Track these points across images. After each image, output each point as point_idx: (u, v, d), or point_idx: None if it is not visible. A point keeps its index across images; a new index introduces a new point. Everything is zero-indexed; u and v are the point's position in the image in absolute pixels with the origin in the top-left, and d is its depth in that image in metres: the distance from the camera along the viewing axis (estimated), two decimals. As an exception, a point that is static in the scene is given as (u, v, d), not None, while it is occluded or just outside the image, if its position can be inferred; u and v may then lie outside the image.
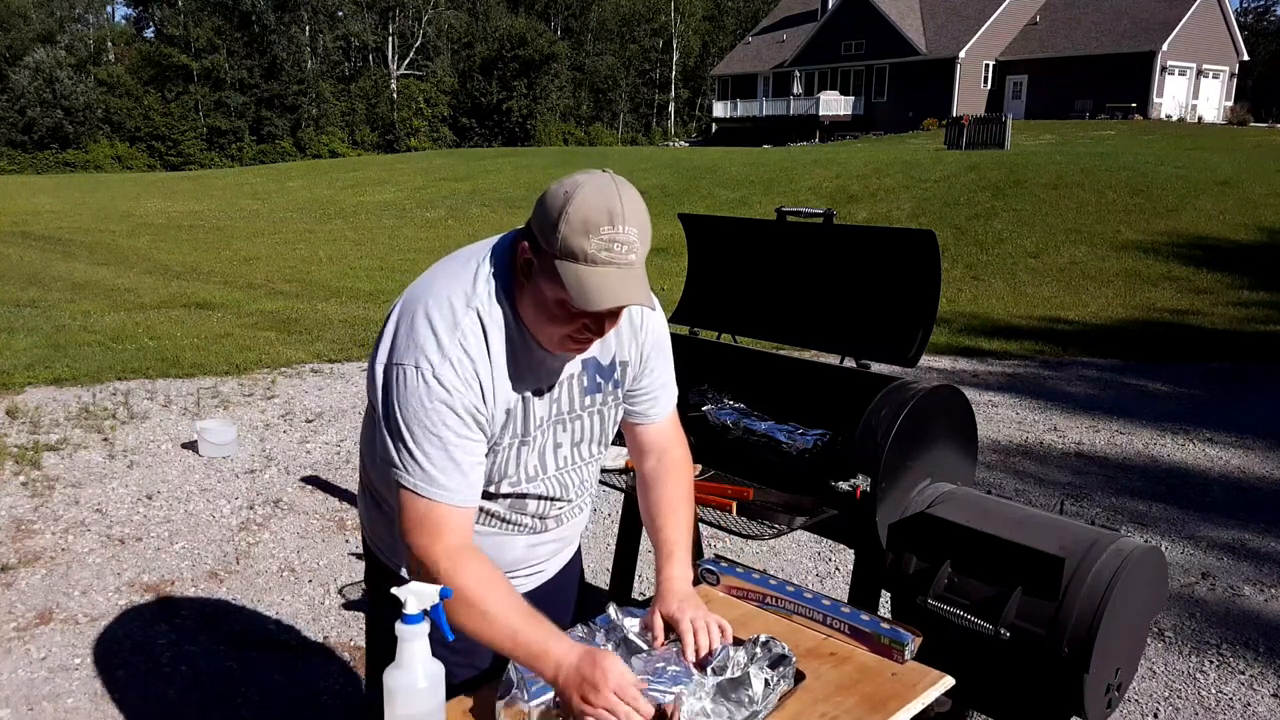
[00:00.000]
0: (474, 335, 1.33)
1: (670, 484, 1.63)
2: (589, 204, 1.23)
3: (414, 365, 1.31)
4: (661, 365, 1.60)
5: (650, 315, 1.55)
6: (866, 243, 2.46)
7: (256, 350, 7.42)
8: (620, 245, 1.24)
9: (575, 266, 1.24)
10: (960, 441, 2.25)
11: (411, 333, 1.33)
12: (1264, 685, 2.99)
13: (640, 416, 1.62)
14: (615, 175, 1.28)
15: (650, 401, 1.61)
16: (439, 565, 1.31)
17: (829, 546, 3.96)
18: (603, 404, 1.53)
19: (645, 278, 1.29)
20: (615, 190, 1.25)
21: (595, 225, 1.23)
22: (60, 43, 48.73)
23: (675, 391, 1.67)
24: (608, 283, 1.24)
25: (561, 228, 1.24)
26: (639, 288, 1.27)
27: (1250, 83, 41.01)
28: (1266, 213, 12.51)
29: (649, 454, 1.65)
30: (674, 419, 1.68)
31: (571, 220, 1.23)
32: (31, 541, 3.92)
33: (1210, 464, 5.08)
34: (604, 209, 1.23)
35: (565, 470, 1.53)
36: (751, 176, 18.39)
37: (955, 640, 1.85)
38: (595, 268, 1.24)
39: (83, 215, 19.68)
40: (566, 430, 1.50)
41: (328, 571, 3.72)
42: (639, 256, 1.27)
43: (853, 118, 39.97)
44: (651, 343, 1.56)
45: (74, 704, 2.79)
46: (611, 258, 1.24)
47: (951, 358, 7.59)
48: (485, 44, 54.16)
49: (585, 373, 1.49)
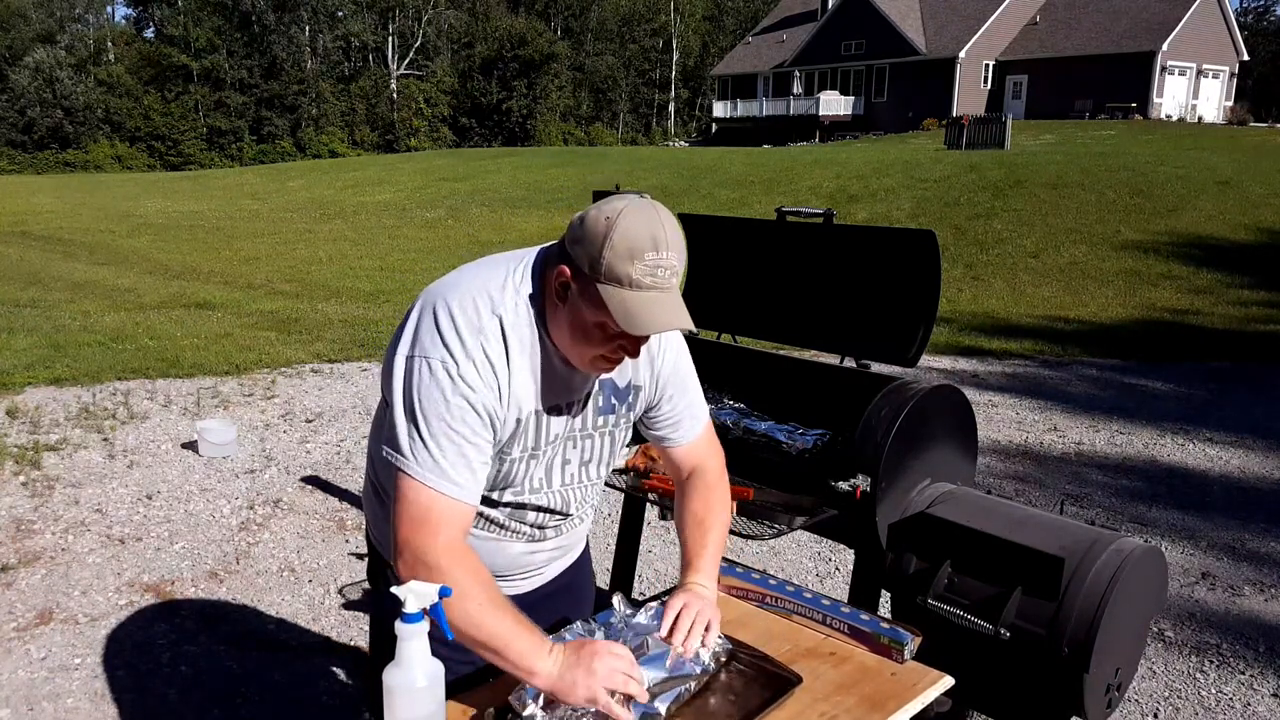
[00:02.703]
0: (495, 340, 1.34)
1: (699, 499, 1.63)
2: (633, 231, 1.26)
3: (439, 360, 1.31)
4: (679, 394, 1.60)
5: (667, 343, 1.56)
6: (866, 243, 2.46)
7: (256, 350, 7.42)
8: (664, 270, 1.27)
9: (621, 291, 1.27)
10: (960, 441, 2.25)
11: (436, 327, 1.33)
12: (1264, 685, 2.99)
13: (664, 441, 1.64)
14: (653, 200, 1.31)
15: (671, 427, 1.62)
16: (439, 562, 1.30)
17: (829, 546, 3.96)
18: (614, 425, 1.55)
19: (682, 302, 1.32)
20: (658, 217, 1.28)
21: (640, 251, 1.26)
22: (60, 43, 48.71)
23: (703, 416, 1.67)
24: (653, 307, 1.27)
25: (606, 254, 1.26)
26: (681, 312, 1.30)
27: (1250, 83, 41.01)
28: (1266, 213, 12.52)
29: (682, 469, 1.67)
30: (707, 437, 1.68)
31: (616, 247, 1.25)
32: (31, 541, 3.92)
33: (1210, 464, 5.08)
34: (648, 235, 1.26)
35: (570, 487, 1.53)
36: (751, 176, 18.40)
37: (955, 640, 1.85)
38: (640, 293, 1.27)
39: (83, 215, 19.68)
40: (576, 447, 1.51)
41: (328, 571, 3.72)
42: (679, 280, 1.31)
43: (853, 118, 39.96)
44: (668, 372, 1.57)
45: (74, 704, 2.79)
46: (655, 282, 1.27)
47: (951, 358, 7.59)
48: (485, 44, 54.15)
49: (602, 393, 1.50)
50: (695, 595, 1.49)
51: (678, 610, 1.45)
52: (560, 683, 1.28)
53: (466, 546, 1.36)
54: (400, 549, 1.33)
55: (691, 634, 1.43)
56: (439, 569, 1.29)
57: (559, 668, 1.29)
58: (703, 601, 1.49)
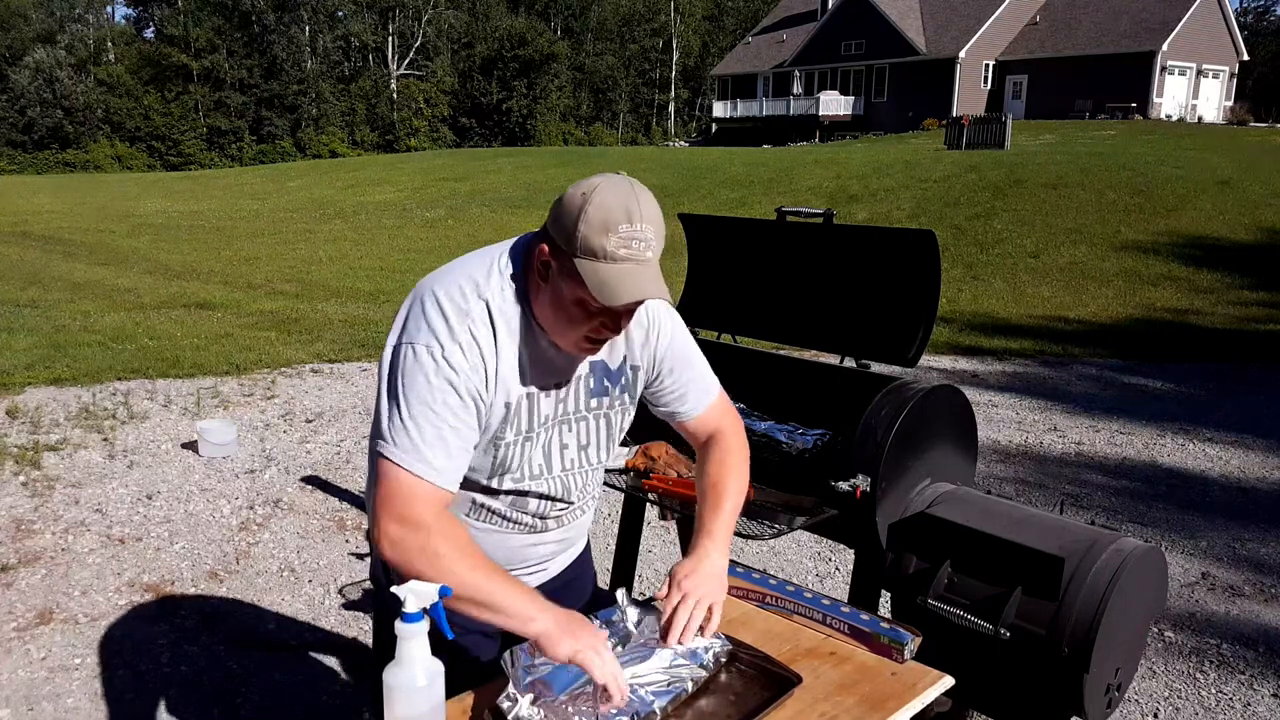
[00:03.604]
0: (482, 323, 1.36)
1: (714, 463, 1.64)
2: (607, 204, 1.27)
3: (424, 345, 1.33)
4: (681, 368, 1.62)
5: (662, 321, 1.57)
6: (866, 243, 2.46)
7: (256, 350, 7.42)
8: (638, 242, 1.28)
9: (595, 264, 1.28)
10: (960, 441, 2.25)
11: (422, 315, 1.36)
12: (1264, 685, 2.99)
13: (674, 415, 1.66)
14: (630, 177, 1.32)
15: (677, 400, 1.63)
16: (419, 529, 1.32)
17: (829, 546, 3.96)
18: (609, 408, 1.54)
19: (661, 275, 1.33)
20: (632, 191, 1.29)
21: (614, 223, 1.27)
22: (60, 43, 48.73)
23: (712, 389, 1.68)
24: (627, 279, 1.28)
25: (581, 227, 1.27)
26: (656, 282, 1.31)
27: (1250, 83, 40.99)
28: (1266, 213, 12.51)
29: (698, 437, 1.68)
30: (721, 403, 1.69)
31: (591, 220, 1.27)
32: (31, 541, 3.92)
33: (1210, 464, 5.08)
34: (622, 208, 1.27)
35: (571, 473, 1.54)
36: (751, 176, 18.40)
37: (955, 640, 1.85)
38: (614, 264, 1.28)
39: (83, 215, 19.69)
40: (572, 431, 1.51)
41: (328, 571, 3.72)
42: (655, 254, 1.31)
43: (853, 118, 39.95)
44: (665, 347, 1.58)
45: (74, 704, 2.79)
46: (630, 254, 1.28)
47: (951, 358, 7.59)
48: (485, 44, 54.15)
49: (593, 375, 1.50)
50: (699, 576, 1.48)
51: (675, 604, 1.45)
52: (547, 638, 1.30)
53: (448, 515, 1.38)
54: (379, 530, 1.35)
55: (688, 630, 1.43)
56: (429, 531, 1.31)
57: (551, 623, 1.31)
58: (705, 583, 1.48)
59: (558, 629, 1.31)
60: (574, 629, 1.32)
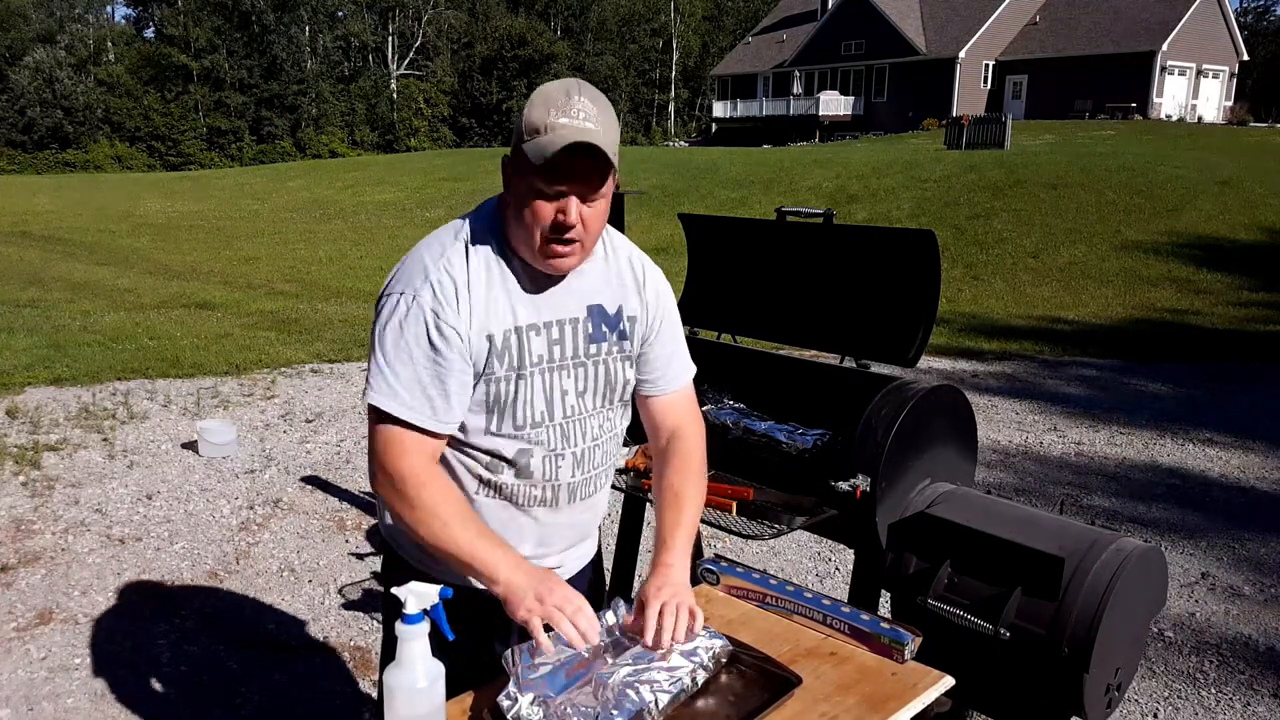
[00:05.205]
0: (458, 260, 1.40)
1: (674, 470, 1.63)
2: (546, 90, 1.34)
3: (399, 293, 1.39)
4: (670, 334, 1.62)
5: (652, 275, 1.60)
6: (866, 243, 2.46)
7: (256, 350, 7.42)
8: (577, 111, 1.31)
9: (537, 139, 1.31)
10: (960, 441, 2.25)
11: (402, 268, 1.43)
12: (1264, 685, 2.99)
13: (649, 385, 1.63)
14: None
15: (662, 367, 1.62)
16: (406, 481, 1.37)
17: (829, 546, 3.96)
18: (608, 354, 1.53)
19: (609, 147, 1.33)
20: (574, 80, 1.35)
21: (553, 100, 1.31)
22: (60, 43, 48.74)
23: (685, 373, 1.67)
24: (562, 132, 1.30)
25: (525, 114, 1.33)
26: (594, 136, 1.30)
27: (1250, 83, 40.98)
28: (1266, 213, 12.51)
29: (660, 432, 1.67)
30: (689, 397, 1.69)
31: (533, 104, 1.33)
32: (31, 541, 3.92)
33: (1210, 464, 5.08)
34: (561, 89, 1.33)
35: (572, 419, 1.51)
36: (751, 176, 18.39)
37: (955, 640, 1.85)
38: (554, 133, 1.30)
39: (83, 215, 19.68)
40: (571, 376, 1.50)
41: (328, 571, 3.72)
42: (598, 127, 1.32)
43: (853, 118, 39.94)
44: (656, 303, 1.59)
45: (74, 704, 2.79)
46: (569, 122, 1.30)
47: (951, 358, 7.59)
48: (485, 44, 54.12)
49: (590, 319, 1.50)
50: (670, 586, 1.47)
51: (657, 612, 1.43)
52: (513, 595, 1.34)
53: (436, 468, 1.42)
54: (374, 473, 1.41)
55: (677, 630, 1.42)
56: (412, 484, 1.37)
57: (521, 579, 1.34)
58: (678, 591, 1.47)
59: (527, 586, 1.33)
60: (544, 590, 1.33)
